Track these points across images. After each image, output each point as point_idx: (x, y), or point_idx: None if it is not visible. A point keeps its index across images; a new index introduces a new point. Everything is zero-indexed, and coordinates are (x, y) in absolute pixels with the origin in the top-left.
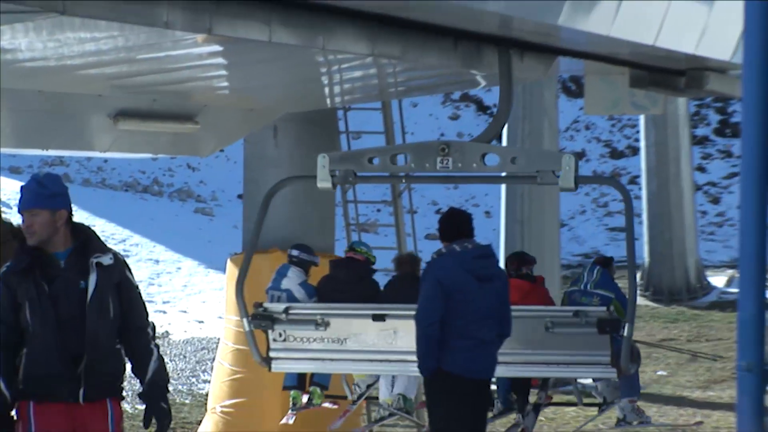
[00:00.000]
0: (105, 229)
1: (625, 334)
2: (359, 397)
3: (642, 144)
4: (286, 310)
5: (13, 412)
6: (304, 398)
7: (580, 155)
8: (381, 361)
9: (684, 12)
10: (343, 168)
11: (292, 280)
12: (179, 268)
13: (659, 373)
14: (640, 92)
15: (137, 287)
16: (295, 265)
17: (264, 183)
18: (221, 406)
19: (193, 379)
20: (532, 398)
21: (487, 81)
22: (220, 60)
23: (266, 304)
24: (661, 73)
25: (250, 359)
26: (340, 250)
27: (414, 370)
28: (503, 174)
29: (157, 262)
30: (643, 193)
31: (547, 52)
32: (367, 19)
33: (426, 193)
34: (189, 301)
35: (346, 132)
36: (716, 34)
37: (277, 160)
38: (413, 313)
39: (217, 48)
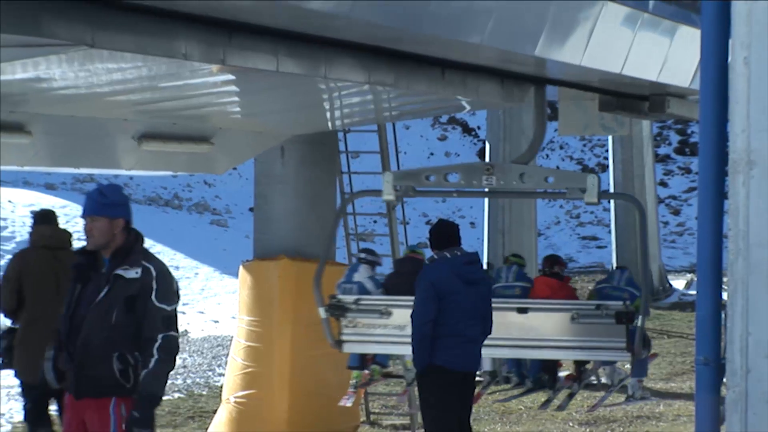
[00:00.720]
0: None
1: (639, 324)
2: (412, 381)
3: (610, 161)
4: (356, 301)
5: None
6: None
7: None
8: None
9: (647, 44)
10: (404, 184)
11: (362, 275)
12: (197, 274)
13: (626, 366)
14: (608, 115)
15: (159, 301)
16: (363, 263)
17: (272, 197)
18: (234, 397)
19: (210, 373)
20: (564, 388)
21: (471, 106)
22: (233, 87)
23: (339, 296)
24: (627, 98)
25: (260, 355)
26: (341, 257)
27: None
28: (538, 190)
29: (177, 268)
30: (612, 206)
31: (524, 80)
32: (364, 51)
33: (417, 206)
34: (206, 303)
35: (346, 152)
36: (676, 64)
37: (284, 177)
38: None
39: (230, 77)
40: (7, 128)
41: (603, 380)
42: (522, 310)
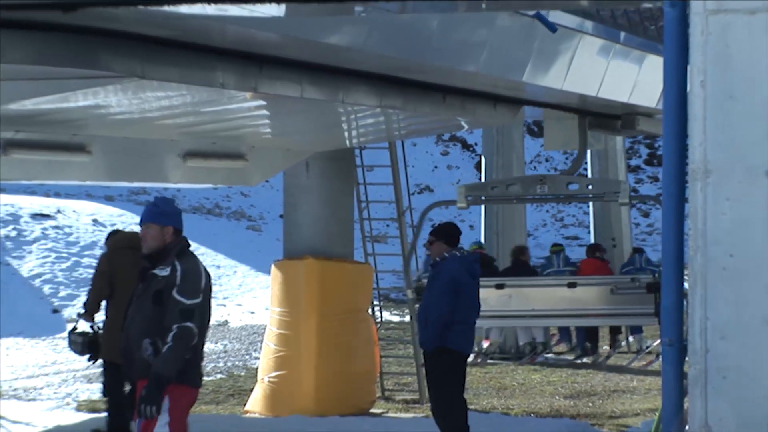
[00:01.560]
0: None
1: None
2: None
3: (589, 172)
4: None
5: None
6: None
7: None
8: (498, 317)
9: (619, 70)
10: (474, 194)
11: None
12: (235, 272)
13: (605, 348)
14: (587, 130)
15: (179, 295)
16: None
17: (300, 206)
18: (268, 377)
19: (247, 357)
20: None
21: (469, 125)
22: (264, 112)
23: (423, 279)
24: (603, 117)
25: (289, 341)
26: (358, 256)
27: (517, 323)
28: (581, 195)
29: (218, 267)
30: (591, 210)
31: (514, 103)
32: (375, 79)
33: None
34: (243, 297)
35: (362, 166)
36: (644, 87)
37: (309, 188)
38: (522, 282)
39: (261, 102)
40: (71, 148)
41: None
42: (572, 285)
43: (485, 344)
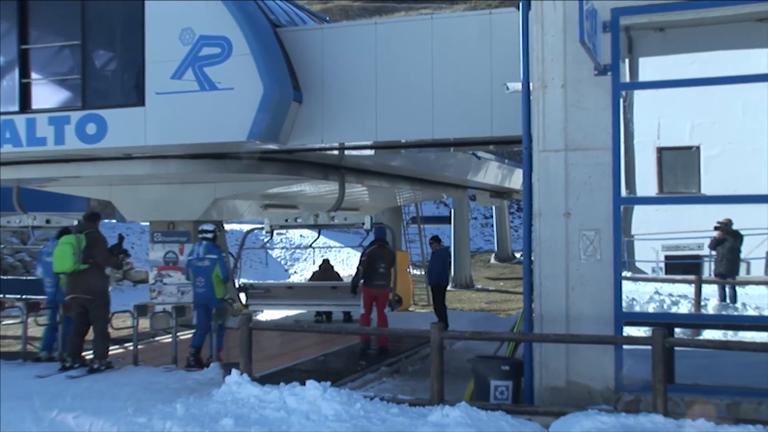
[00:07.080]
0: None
1: None
2: None
3: (494, 215)
4: None
5: None
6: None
7: (475, 218)
8: None
9: (507, 174)
10: None
11: None
12: (354, 255)
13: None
14: (494, 198)
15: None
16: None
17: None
18: None
19: None
20: None
21: (446, 196)
22: (365, 192)
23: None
24: (499, 192)
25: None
26: (404, 248)
27: None
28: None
29: (348, 254)
30: (495, 231)
31: (464, 187)
32: (409, 179)
33: (428, 231)
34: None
35: (405, 213)
36: (515, 180)
37: (384, 221)
38: None
39: (364, 189)
40: (290, 207)
41: None
42: None
43: None
